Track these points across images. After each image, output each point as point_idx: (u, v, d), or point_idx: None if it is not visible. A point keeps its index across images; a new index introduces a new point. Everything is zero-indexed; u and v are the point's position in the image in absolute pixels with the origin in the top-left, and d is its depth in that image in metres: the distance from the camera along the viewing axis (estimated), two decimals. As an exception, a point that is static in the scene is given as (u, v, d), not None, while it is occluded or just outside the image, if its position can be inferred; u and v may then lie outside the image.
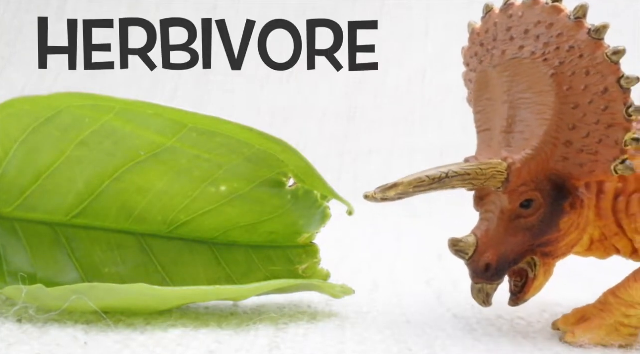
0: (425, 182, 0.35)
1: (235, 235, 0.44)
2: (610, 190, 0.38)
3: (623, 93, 0.35)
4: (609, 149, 0.36)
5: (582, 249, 0.40)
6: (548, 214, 0.37)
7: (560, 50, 0.36)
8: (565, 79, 0.36)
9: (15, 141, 0.41)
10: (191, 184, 0.43)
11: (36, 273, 0.42)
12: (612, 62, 0.35)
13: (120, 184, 0.42)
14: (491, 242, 0.36)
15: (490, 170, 0.36)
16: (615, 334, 0.38)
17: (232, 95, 1.06)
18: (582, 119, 0.36)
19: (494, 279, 0.37)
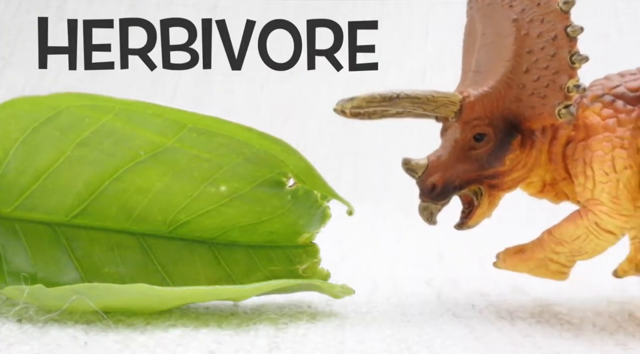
0: (377, 99, 0.38)
1: (235, 235, 0.44)
2: (563, 136, 0.41)
3: (569, 41, 0.38)
4: (555, 94, 0.38)
5: (535, 191, 0.42)
6: (496, 148, 0.40)
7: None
8: (524, 25, 0.39)
9: (15, 141, 0.41)
10: (191, 184, 0.43)
11: (36, 273, 0.42)
12: (562, 11, 0.38)
13: (120, 184, 0.42)
14: (441, 166, 0.40)
15: (442, 99, 0.39)
16: (544, 268, 0.42)
17: (232, 95, 1.06)
18: (534, 63, 0.39)
19: (439, 199, 0.40)
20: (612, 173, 0.39)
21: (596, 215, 0.39)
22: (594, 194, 0.39)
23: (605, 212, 0.39)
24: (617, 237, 0.40)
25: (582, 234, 0.40)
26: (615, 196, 0.39)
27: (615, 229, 0.40)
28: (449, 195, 0.40)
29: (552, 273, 0.42)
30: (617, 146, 0.39)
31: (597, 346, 0.39)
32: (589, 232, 0.40)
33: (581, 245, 0.40)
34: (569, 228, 0.40)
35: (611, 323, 0.44)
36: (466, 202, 0.41)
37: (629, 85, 0.40)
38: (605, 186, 0.39)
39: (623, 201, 0.39)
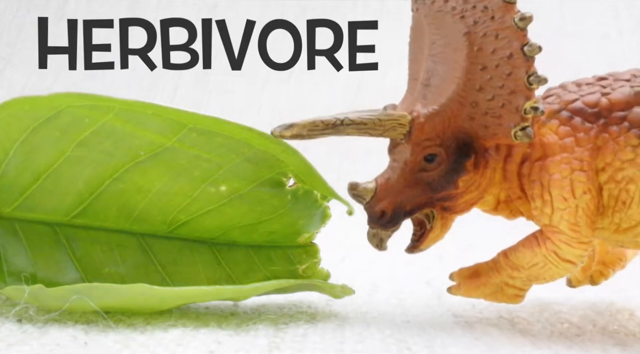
0: (319, 127, 0.36)
1: (235, 235, 0.44)
2: (518, 154, 0.38)
3: (526, 61, 0.35)
4: (510, 115, 0.36)
5: (489, 208, 0.41)
6: (448, 170, 0.37)
7: (476, 10, 0.36)
8: (477, 39, 0.36)
9: (15, 141, 0.41)
10: (191, 184, 0.43)
11: (36, 273, 0.42)
12: (518, 28, 0.35)
13: (120, 184, 0.42)
14: (390, 190, 0.38)
15: (390, 122, 0.37)
16: (500, 293, 0.40)
17: (232, 95, 1.06)
18: (488, 81, 0.36)
19: (388, 226, 0.38)
20: (571, 199, 0.37)
21: (555, 244, 0.38)
22: (552, 220, 0.37)
23: (564, 241, 0.38)
24: (576, 265, 0.38)
25: (540, 262, 0.38)
26: (574, 223, 0.37)
27: (575, 258, 0.38)
28: (400, 221, 0.38)
29: (508, 297, 0.40)
30: (575, 168, 0.37)
31: (597, 346, 0.39)
32: (548, 261, 0.38)
33: (539, 272, 0.39)
34: (526, 254, 0.39)
35: (612, 322, 0.44)
36: (417, 224, 0.39)
37: (586, 100, 0.38)
38: (564, 213, 0.37)
39: (582, 228, 0.37)
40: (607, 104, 0.37)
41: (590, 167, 0.37)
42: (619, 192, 0.37)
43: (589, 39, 1.01)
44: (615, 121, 0.37)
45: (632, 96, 0.37)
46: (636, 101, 0.37)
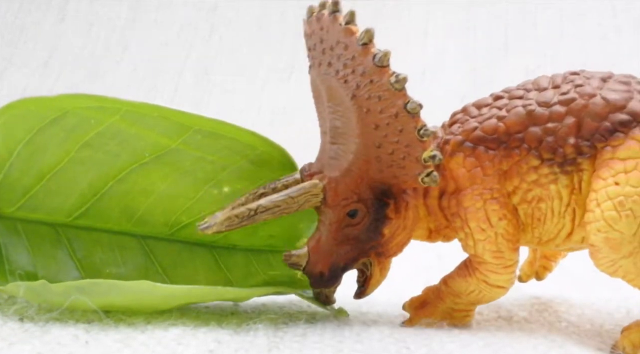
0: (235, 222, 0.38)
1: (235, 238, 0.44)
2: (434, 190, 0.40)
3: (412, 117, 0.36)
4: (412, 164, 0.37)
5: (423, 238, 0.42)
6: (372, 222, 0.39)
7: (356, 74, 0.37)
8: (363, 102, 0.37)
9: (20, 141, 0.41)
10: (194, 186, 0.43)
11: (37, 273, 0.42)
12: (395, 89, 0.36)
13: (124, 185, 0.43)
14: (322, 252, 0.39)
15: (302, 196, 0.38)
16: (449, 318, 0.41)
17: (233, 95, 1.06)
18: (384, 138, 0.37)
19: (329, 285, 0.40)
20: (489, 228, 0.38)
21: (483, 274, 0.39)
22: (477, 251, 0.39)
23: (491, 270, 0.39)
24: (506, 289, 0.40)
25: (475, 289, 0.40)
26: (497, 250, 0.39)
27: (505, 283, 0.40)
28: (339, 277, 0.40)
29: (458, 319, 0.41)
30: (487, 198, 0.38)
31: (593, 342, 0.39)
32: (480, 289, 0.40)
33: (477, 297, 0.40)
34: (461, 283, 0.40)
35: (609, 319, 0.44)
36: (359, 271, 0.41)
37: (485, 127, 0.39)
38: (485, 243, 0.39)
39: (505, 253, 0.39)
40: (504, 128, 0.38)
41: (501, 193, 0.38)
42: (533, 211, 0.39)
43: (588, 39, 1.01)
44: (515, 143, 0.38)
45: (525, 117, 0.38)
46: (530, 120, 0.38)
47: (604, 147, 0.37)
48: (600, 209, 0.36)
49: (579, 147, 0.37)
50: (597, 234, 0.36)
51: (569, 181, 0.38)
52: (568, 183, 0.38)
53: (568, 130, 0.37)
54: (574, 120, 0.37)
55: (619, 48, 0.99)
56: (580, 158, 0.37)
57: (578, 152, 0.37)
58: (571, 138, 0.37)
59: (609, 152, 0.36)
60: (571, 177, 0.38)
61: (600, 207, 0.36)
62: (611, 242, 0.36)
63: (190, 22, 1.14)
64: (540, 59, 0.99)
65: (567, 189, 0.38)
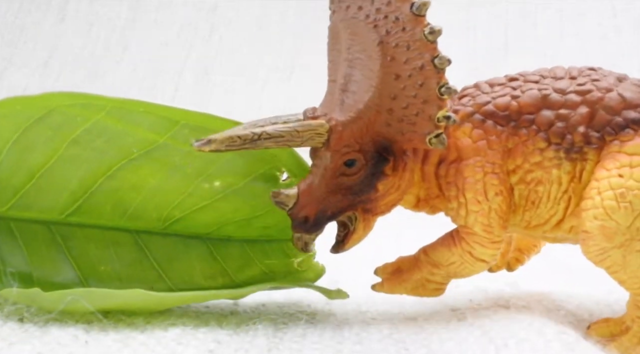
0: (237, 142, 0.37)
1: (230, 230, 0.44)
2: (435, 156, 0.40)
3: (437, 72, 0.36)
4: (424, 122, 0.37)
5: (410, 206, 0.42)
6: (368, 175, 0.38)
7: (388, 20, 0.36)
8: (389, 49, 0.36)
9: (7, 141, 0.41)
10: (185, 181, 0.43)
11: (32, 272, 0.42)
12: (428, 41, 0.36)
13: (114, 181, 0.42)
14: (311, 197, 0.38)
15: (308, 132, 0.37)
16: (422, 288, 0.42)
17: (233, 95, 1.06)
18: (402, 90, 0.37)
19: (311, 231, 0.39)
20: (484, 201, 0.38)
21: (469, 245, 0.39)
22: (467, 222, 0.39)
23: (478, 242, 0.39)
24: (488, 264, 0.40)
25: (457, 260, 0.40)
26: (487, 224, 0.39)
27: (488, 257, 0.40)
28: (323, 225, 0.39)
29: (430, 291, 0.42)
30: (488, 171, 0.38)
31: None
32: (463, 260, 0.40)
33: (456, 270, 0.41)
34: (444, 253, 0.40)
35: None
36: (341, 225, 0.40)
37: (497, 103, 0.39)
38: (477, 215, 0.39)
39: (495, 229, 0.39)
40: (517, 107, 0.39)
41: (502, 170, 0.39)
42: (529, 193, 0.39)
43: (588, 39, 1.01)
44: (524, 124, 0.38)
45: (540, 99, 0.38)
46: (543, 103, 0.38)
47: (613, 140, 0.37)
48: (600, 197, 0.36)
49: (587, 137, 0.38)
50: (594, 221, 0.37)
51: (572, 168, 0.38)
52: (570, 170, 0.38)
53: (580, 119, 0.38)
54: (587, 110, 0.38)
55: (619, 48, 0.99)
56: (587, 147, 0.38)
57: (586, 141, 0.38)
58: (582, 127, 0.37)
59: (617, 146, 0.37)
60: (575, 164, 0.38)
61: (600, 196, 0.36)
62: (606, 231, 0.36)
63: (190, 22, 1.14)
64: (540, 59, 0.99)
65: (568, 176, 0.38)
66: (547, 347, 0.36)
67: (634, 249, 0.36)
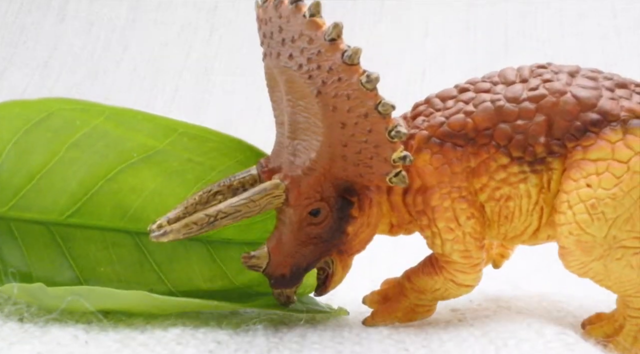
0: (194, 229, 0.36)
1: (230, 233, 0.44)
2: (399, 187, 0.39)
3: (383, 118, 0.35)
4: (381, 164, 0.36)
5: (384, 233, 0.41)
6: (335, 221, 0.37)
7: (322, 70, 0.35)
8: (330, 100, 0.35)
9: (7, 142, 0.42)
10: (184, 186, 0.43)
11: (31, 272, 0.42)
12: (367, 89, 0.34)
13: (114, 184, 0.43)
14: (283, 252, 0.37)
15: (265, 199, 0.36)
16: (412, 314, 0.41)
17: (233, 95, 1.06)
18: (351, 137, 0.36)
19: (291, 286, 0.38)
20: (457, 228, 0.38)
21: (450, 273, 0.39)
22: (444, 251, 0.39)
23: (459, 270, 0.39)
24: (473, 287, 0.40)
25: (441, 287, 0.40)
26: (464, 250, 0.38)
27: (472, 282, 0.40)
28: (300, 278, 0.39)
29: (421, 314, 0.41)
30: (455, 197, 0.38)
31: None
32: (447, 287, 0.40)
33: (442, 294, 0.40)
34: (427, 281, 0.40)
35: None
36: (320, 269, 0.40)
37: (452, 123, 0.38)
38: (453, 243, 0.38)
39: (473, 252, 0.38)
40: (472, 124, 0.37)
41: (469, 192, 0.38)
42: (500, 209, 0.38)
43: (588, 39, 1.01)
44: (483, 140, 0.37)
45: (494, 113, 0.37)
46: (498, 117, 0.37)
47: (575, 147, 0.36)
48: (572, 212, 0.36)
49: (549, 146, 0.37)
50: (569, 236, 0.36)
51: (539, 180, 0.37)
52: (537, 182, 0.37)
53: (538, 128, 0.37)
54: (544, 118, 0.37)
55: (619, 48, 0.99)
56: (550, 157, 0.37)
57: (548, 151, 0.37)
58: (541, 137, 0.37)
59: (580, 153, 0.36)
60: (541, 176, 0.37)
61: (572, 210, 0.36)
62: (582, 245, 0.36)
63: (190, 22, 1.14)
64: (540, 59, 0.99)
65: (536, 189, 0.37)
66: (547, 348, 0.36)
67: (614, 258, 0.36)
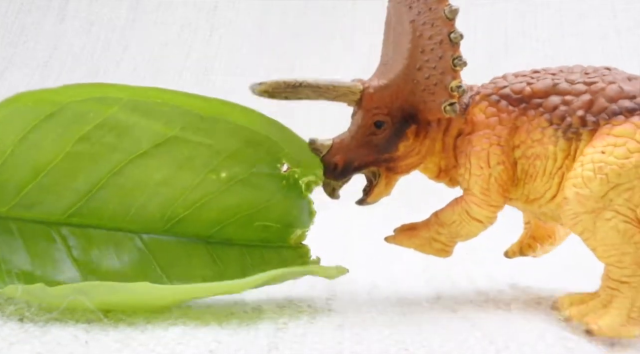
0: (281, 86, 0.42)
1: (231, 231, 0.44)
2: (454, 129, 0.45)
3: (452, 46, 0.42)
4: (441, 91, 0.42)
5: (432, 175, 0.47)
6: (392, 135, 0.44)
7: (420, 1, 0.42)
8: (419, 27, 0.42)
9: (14, 139, 0.41)
10: (193, 173, 0.43)
11: (34, 272, 0.42)
12: (447, 18, 0.42)
13: (120, 178, 0.43)
14: (343, 148, 0.44)
15: (342, 88, 0.43)
16: (428, 246, 0.46)
17: (233, 95, 1.06)
18: (426, 62, 0.42)
19: (339, 178, 0.44)
20: (486, 168, 0.43)
21: (467, 204, 0.44)
22: (469, 184, 0.44)
23: (475, 202, 0.44)
24: (484, 225, 0.44)
25: (457, 219, 0.45)
26: (486, 188, 0.43)
27: (483, 218, 0.44)
28: (349, 174, 0.44)
29: (436, 250, 0.46)
30: (493, 143, 0.43)
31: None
32: (462, 219, 0.44)
33: (456, 229, 0.45)
34: (448, 212, 0.45)
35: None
36: (367, 180, 0.45)
37: (514, 87, 0.44)
38: (478, 178, 0.43)
39: (493, 193, 0.43)
40: (529, 91, 0.43)
41: (507, 144, 0.43)
42: (529, 167, 0.43)
43: (588, 39, 1.01)
44: (533, 106, 0.43)
45: (550, 87, 0.43)
46: (553, 90, 0.42)
47: (606, 124, 0.40)
48: (581, 168, 0.40)
49: (584, 120, 0.41)
50: (572, 188, 0.40)
51: (567, 146, 0.41)
52: (565, 148, 0.42)
53: (581, 104, 0.41)
54: (589, 98, 0.41)
55: (619, 48, 0.99)
56: (582, 129, 0.41)
57: (582, 123, 0.41)
58: (581, 111, 0.41)
59: (608, 129, 0.40)
60: (570, 143, 0.41)
61: (582, 167, 0.40)
62: (579, 197, 0.39)
63: (190, 22, 1.14)
64: (540, 59, 0.99)
65: (563, 153, 0.42)
66: (548, 351, 0.36)
67: (604, 218, 0.39)
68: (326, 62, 1.08)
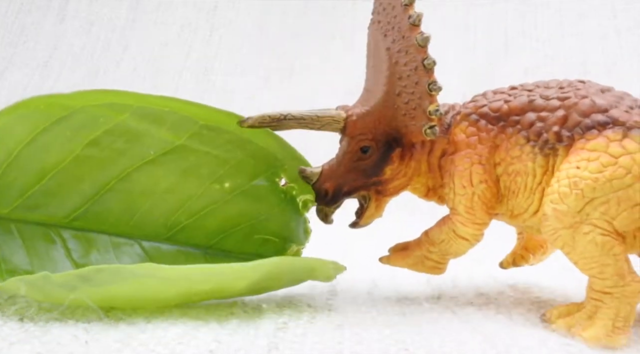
0: (267, 120, 0.43)
1: (231, 243, 0.44)
2: (438, 149, 0.46)
3: (426, 72, 0.43)
4: (420, 116, 0.43)
5: (421, 195, 0.48)
6: (378, 160, 0.45)
7: (394, 30, 0.44)
8: (394, 54, 0.44)
9: (21, 141, 0.41)
10: (198, 182, 0.44)
11: (34, 272, 0.42)
12: (419, 46, 0.42)
13: (126, 184, 0.43)
14: (332, 174, 0.45)
15: (326, 118, 0.44)
16: (421, 264, 0.47)
17: (232, 95, 1.06)
18: (404, 88, 0.43)
19: (331, 204, 0.45)
20: (469, 187, 0.44)
21: (454, 223, 0.45)
22: (454, 204, 0.45)
23: (460, 221, 0.45)
24: (470, 243, 0.45)
25: (445, 238, 0.46)
26: (470, 207, 0.44)
27: (469, 236, 0.45)
28: (340, 199, 0.45)
29: (429, 268, 0.47)
30: (475, 162, 0.44)
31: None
32: (449, 237, 0.45)
33: (446, 247, 0.46)
34: (436, 232, 0.46)
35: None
36: (359, 203, 0.46)
37: (492, 106, 0.44)
38: (462, 198, 0.44)
39: (477, 211, 0.44)
40: (507, 109, 0.44)
41: (488, 162, 0.44)
42: (510, 183, 0.44)
43: (588, 39, 1.01)
44: (511, 123, 0.44)
45: (527, 103, 0.43)
46: (529, 107, 0.43)
47: (580, 139, 0.41)
48: (558, 184, 0.41)
49: (560, 136, 0.42)
50: (549, 204, 0.41)
51: (545, 162, 0.42)
52: (543, 164, 0.42)
53: (556, 120, 0.42)
54: (563, 113, 0.42)
55: (619, 48, 0.99)
56: (558, 145, 0.42)
57: (558, 139, 0.42)
58: (556, 127, 0.42)
59: (582, 143, 0.41)
60: (547, 159, 0.42)
61: (558, 183, 0.41)
62: (557, 213, 0.40)
63: (190, 22, 1.14)
64: (540, 59, 0.99)
65: (541, 169, 0.42)
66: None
67: (582, 232, 0.40)
68: (326, 62, 1.08)
